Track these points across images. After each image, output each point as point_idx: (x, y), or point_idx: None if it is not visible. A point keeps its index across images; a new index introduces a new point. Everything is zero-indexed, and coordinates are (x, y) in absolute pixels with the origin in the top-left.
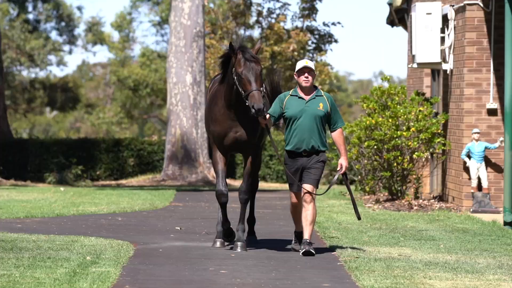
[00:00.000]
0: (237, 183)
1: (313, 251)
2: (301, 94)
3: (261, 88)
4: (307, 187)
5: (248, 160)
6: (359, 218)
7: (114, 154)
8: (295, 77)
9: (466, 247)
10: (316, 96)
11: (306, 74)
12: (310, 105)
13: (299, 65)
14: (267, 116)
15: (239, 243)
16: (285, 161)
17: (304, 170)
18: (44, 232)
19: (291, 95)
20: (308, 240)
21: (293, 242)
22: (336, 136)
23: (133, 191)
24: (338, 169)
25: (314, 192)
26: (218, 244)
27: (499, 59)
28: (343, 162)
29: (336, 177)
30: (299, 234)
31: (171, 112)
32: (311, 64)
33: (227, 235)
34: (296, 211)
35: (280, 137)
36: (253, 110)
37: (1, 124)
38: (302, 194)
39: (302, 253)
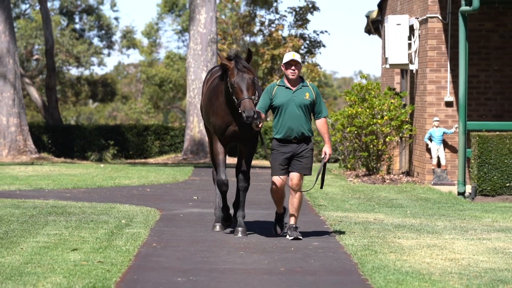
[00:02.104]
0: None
1: (300, 236)
2: (288, 85)
3: (253, 96)
4: (295, 175)
5: (246, 150)
6: (321, 187)
7: (143, 137)
8: (282, 69)
9: (428, 212)
10: (302, 86)
11: (293, 67)
12: (297, 94)
13: (286, 58)
14: (260, 124)
15: (240, 229)
16: (272, 147)
17: (293, 158)
18: (87, 200)
19: (278, 85)
20: (294, 226)
21: (274, 223)
22: (320, 124)
23: (159, 168)
24: (322, 156)
25: (301, 180)
26: (217, 228)
27: (454, 61)
28: (327, 150)
29: (321, 166)
30: (280, 216)
31: (190, 104)
32: (297, 57)
33: (226, 220)
34: (277, 194)
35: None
36: (244, 117)
37: (53, 113)
38: (291, 183)
39: (291, 239)
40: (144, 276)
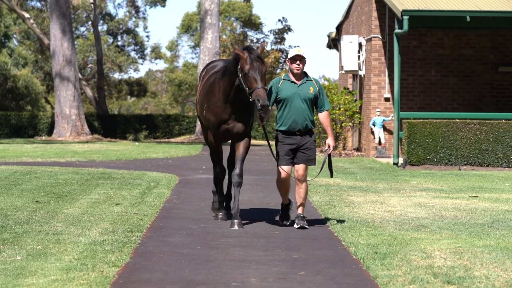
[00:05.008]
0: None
1: (307, 226)
2: (293, 79)
3: (266, 86)
4: (301, 167)
5: (240, 146)
6: (331, 176)
7: (167, 123)
8: (288, 64)
9: (372, 177)
10: (306, 80)
11: (298, 62)
12: (301, 88)
13: (292, 53)
14: (264, 119)
15: (236, 221)
16: (278, 139)
17: (298, 150)
18: (126, 169)
19: (283, 79)
20: (301, 215)
21: (280, 213)
22: (323, 118)
23: (178, 145)
24: (326, 148)
25: (306, 170)
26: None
27: (390, 69)
28: (330, 142)
29: (326, 157)
30: (286, 206)
31: None
32: (302, 52)
33: (219, 208)
34: (283, 185)
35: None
36: (259, 105)
37: (102, 106)
38: (296, 175)
39: (297, 228)
40: (167, 224)
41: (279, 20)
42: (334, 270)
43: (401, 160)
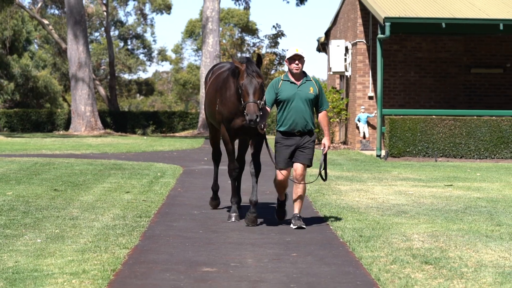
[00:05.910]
0: None
1: (304, 226)
2: (292, 79)
3: (259, 101)
4: (299, 166)
5: (255, 142)
6: (324, 179)
7: (172, 119)
8: (286, 64)
9: (357, 168)
10: (306, 80)
11: (296, 62)
12: (302, 89)
13: (290, 53)
14: (264, 128)
15: (233, 214)
16: (276, 140)
17: (297, 149)
18: (135, 160)
19: (283, 80)
20: (298, 215)
21: (276, 209)
22: (322, 117)
23: (182, 139)
24: (321, 148)
25: (305, 170)
26: (233, 218)
27: (374, 70)
28: (326, 142)
29: (322, 158)
30: (282, 202)
31: (202, 97)
32: (301, 52)
33: (239, 201)
34: (280, 185)
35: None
36: (247, 120)
37: (114, 103)
38: (295, 174)
39: (295, 228)
40: (172, 210)
41: (273, 26)
42: (323, 252)
43: (383, 153)
